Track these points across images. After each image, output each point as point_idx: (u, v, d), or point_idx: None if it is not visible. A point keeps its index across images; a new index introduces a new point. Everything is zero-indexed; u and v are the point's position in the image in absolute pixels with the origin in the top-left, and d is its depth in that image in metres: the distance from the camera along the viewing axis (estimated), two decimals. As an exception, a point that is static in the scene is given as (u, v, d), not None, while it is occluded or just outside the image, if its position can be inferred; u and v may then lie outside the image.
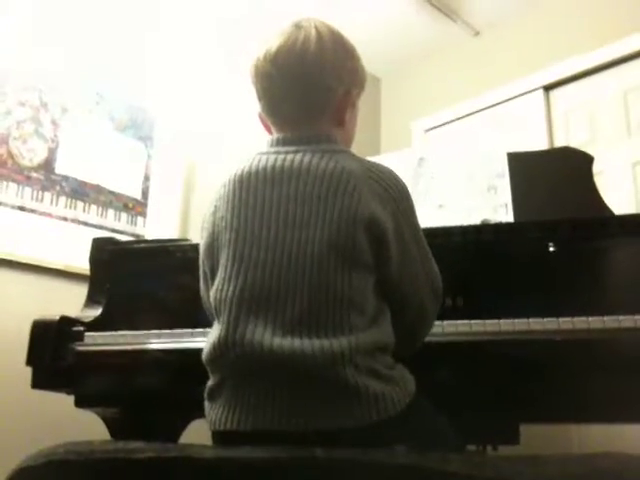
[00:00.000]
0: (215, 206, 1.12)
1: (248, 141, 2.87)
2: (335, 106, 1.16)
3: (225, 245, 1.06)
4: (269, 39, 1.14)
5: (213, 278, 1.09)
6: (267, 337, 0.95)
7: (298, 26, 1.14)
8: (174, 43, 2.97)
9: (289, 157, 1.07)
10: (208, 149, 3.01)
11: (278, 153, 1.09)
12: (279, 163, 1.07)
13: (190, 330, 1.46)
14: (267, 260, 1.01)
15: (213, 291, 1.06)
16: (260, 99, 1.19)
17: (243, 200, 1.07)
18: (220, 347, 1.00)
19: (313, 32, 1.12)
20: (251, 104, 1.23)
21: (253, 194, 1.06)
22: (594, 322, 1.25)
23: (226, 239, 1.06)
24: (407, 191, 1.11)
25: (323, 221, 1.00)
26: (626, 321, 1.24)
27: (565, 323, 1.26)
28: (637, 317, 1.24)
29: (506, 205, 1.67)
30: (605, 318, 1.25)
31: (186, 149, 2.93)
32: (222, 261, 1.06)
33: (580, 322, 1.25)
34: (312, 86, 1.13)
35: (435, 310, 1.16)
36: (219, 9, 3.14)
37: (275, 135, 1.16)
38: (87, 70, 2.62)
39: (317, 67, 1.12)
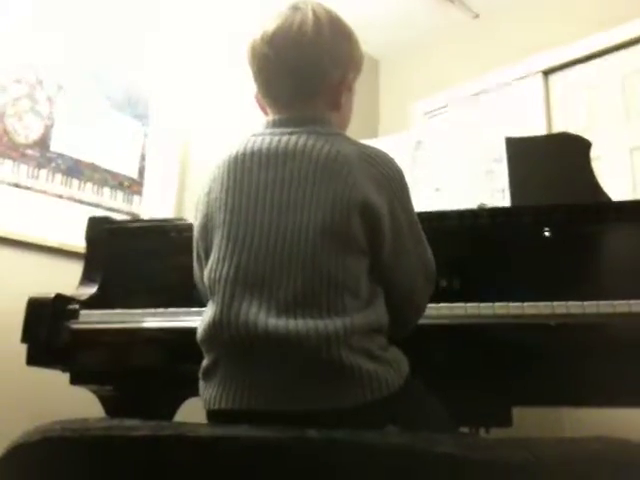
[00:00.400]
0: (209, 187, 1.11)
1: (244, 121, 2.86)
2: (331, 89, 1.15)
3: (219, 226, 1.06)
4: (267, 20, 1.14)
5: (207, 259, 1.08)
6: (262, 317, 0.96)
7: (296, 8, 1.13)
8: (171, 22, 2.94)
9: (284, 139, 1.07)
10: (204, 128, 3.00)
11: (273, 134, 1.09)
12: (274, 145, 1.07)
13: (185, 309, 1.46)
14: (261, 241, 1.01)
15: (207, 271, 1.06)
16: (256, 80, 1.18)
17: (237, 181, 1.07)
18: (215, 327, 1.00)
19: (310, 14, 1.12)
20: (247, 84, 1.22)
21: (248, 176, 1.06)
22: (588, 307, 1.26)
23: (220, 220, 1.06)
24: (402, 175, 1.10)
25: (317, 204, 1.00)
26: (620, 306, 1.25)
27: (559, 307, 1.26)
28: (632, 302, 1.25)
29: (503, 190, 1.67)
30: (599, 303, 1.26)
31: (182, 128, 2.92)
32: (216, 241, 1.06)
33: (574, 307, 1.26)
34: (308, 68, 1.13)
35: (427, 294, 1.17)
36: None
37: (270, 116, 1.16)
38: (83, 48, 2.60)
39: (313, 50, 1.12)
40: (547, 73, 3.19)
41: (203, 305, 1.12)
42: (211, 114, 3.04)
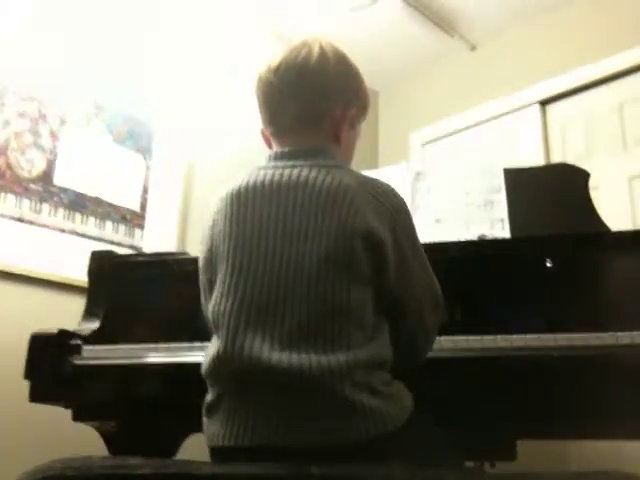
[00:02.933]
0: (213, 220, 1.12)
1: (247, 154, 2.89)
2: (333, 121, 1.17)
3: (223, 259, 1.06)
4: (276, 53, 1.17)
5: (212, 292, 1.09)
6: (265, 351, 0.96)
7: (304, 42, 1.17)
8: (172, 54, 2.98)
9: (286, 172, 1.08)
10: (207, 162, 3.02)
11: (276, 168, 1.10)
12: (277, 178, 1.08)
13: (188, 344, 1.46)
14: (265, 273, 1.01)
15: (211, 305, 1.07)
16: (260, 109, 1.21)
17: (241, 214, 1.07)
18: (219, 360, 1.00)
19: (317, 48, 1.15)
20: (250, 117, 1.24)
21: (251, 208, 1.07)
22: (591, 339, 1.25)
23: (224, 253, 1.06)
24: (405, 205, 1.11)
25: (320, 234, 1.01)
26: (624, 337, 1.25)
27: (562, 339, 1.26)
28: (635, 333, 1.25)
29: (502, 220, 1.67)
30: (602, 334, 1.25)
31: (185, 161, 2.94)
32: (220, 275, 1.06)
33: (577, 338, 1.26)
34: (310, 97, 1.15)
35: (436, 323, 1.16)
36: (217, 20, 3.16)
37: (273, 150, 1.17)
38: (85, 81, 2.63)
39: (317, 79, 1.15)
40: (544, 103, 3.22)
41: (206, 339, 1.12)
42: (213, 147, 3.06)
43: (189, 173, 2.95)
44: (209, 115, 3.08)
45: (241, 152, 2.98)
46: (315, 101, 1.16)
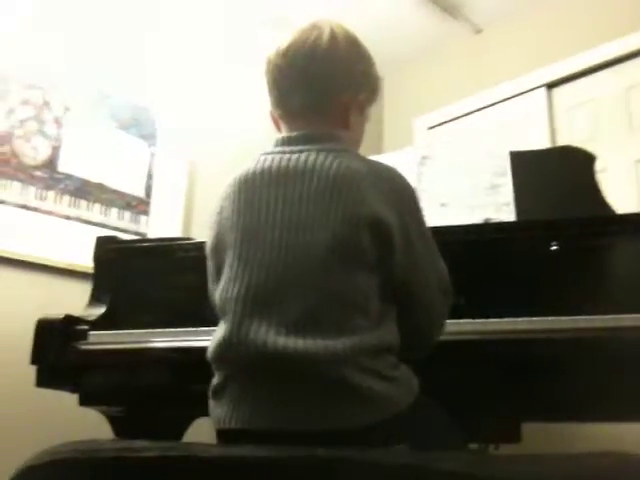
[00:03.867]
0: (221, 206, 1.12)
1: (251, 139, 2.88)
2: (341, 106, 1.16)
3: (230, 245, 1.06)
4: (286, 35, 1.16)
5: (219, 278, 1.09)
6: (271, 337, 0.96)
7: (314, 25, 1.15)
8: (176, 40, 2.97)
9: (294, 157, 1.08)
10: (211, 147, 3.01)
11: (283, 153, 1.10)
12: (284, 163, 1.08)
13: (194, 329, 1.46)
14: (272, 261, 1.01)
15: (219, 291, 1.07)
16: (270, 92, 1.20)
17: (248, 201, 1.07)
18: (225, 345, 1.01)
19: (327, 31, 1.14)
20: (254, 102, 1.24)
21: (258, 195, 1.07)
22: (596, 321, 1.25)
23: (231, 239, 1.07)
24: (412, 190, 1.11)
25: (327, 222, 1.00)
26: (628, 320, 1.25)
27: (567, 322, 1.26)
28: (639, 316, 1.25)
29: (508, 204, 1.67)
30: (607, 317, 1.25)
31: (189, 147, 2.94)
32: (228, 261, 1.06)
33: (582, 321, 1.26)
34: (318, 80, 1.14)
35: (445, 308, 1.16)
36: (221, 7, 3.14)
37: (280, 135, 1.17)
38: (89, 68, 2.62)
39: (326, 64, 1.13)
40: (551, 86, 3.20)
41: (212, 324, 1.12)
42: (218, 133, 3.06)
43: (193, 159, 2.95)
44: (214, 101, 3.08)
45: (246, 138, 2.98)
46: (324, 87, 1.15)
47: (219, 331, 1.04)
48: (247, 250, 1.04)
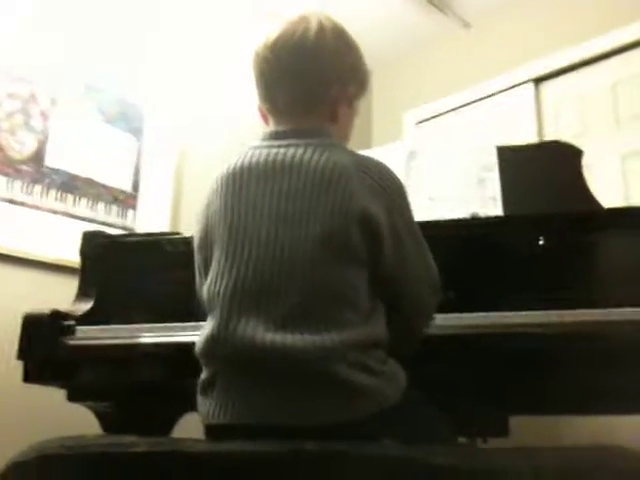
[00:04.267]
0: (209, 200, 1.12)
1: (239, 133, 2.88)
2: (330, 100, 1.15)
3: (218, 240, 1.06)
4: (273, 28, 1.15)
5: (207, 273, 1.09)
6: (259, 332, 0.96)
7: (302, 17, 1.14)
8: (164, 34, 2.95)
9: (282, 151, 1.07)
10: (199, 142, 3.00)
11: (271, 147, 1.09)
12: (271, 157, 1.07)
13: (182, 324, 1.46)
14: (260, 256, 1.01)
15: (206, 285, 1.06)
16: (257, 85, 1.19)
17: (236, 195, 1.07)
18: (213, 341, 1.00)
19: (315, 23, 1.13)
20: (244, 95, 1.23)
21: (246, 189, 1.06)
22: (582, 315, 1.26)
23: (219, 234, 1.06)
24: (401, 185, 1.10)
25: (315, 217, 1.00)
26: (614, 314, 1.25)
27: (553, 316, 1.27)
28: (625, 310, 1.26)
29: (495, 198, 1.67)
30: (594, 311, 1.26)
31: (177, 141, 2.92)
32: (215, 256, 1.06)
33: (568, 315, 1.26)
34: (306, 75, 1.13)
35: (434, 305, 1.16)
36: (209, 3, 3.13)
37: (268, 129, 1.16)
38: (76, 62, 2.60)
39: (313, 56, 1.12)
40: (538, 81, 3.21)
41: (200, 319, 1.12)
42: (206, 127, 3.05)
43: (181, 153, 2.94)
44: (201, 95, 3.06)
45: (234, 133, 2.97)
46: (311, 81, 1.14)
47: (207, 327, 1.04)
48: (235, 245, 1.03)
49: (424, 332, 1.17)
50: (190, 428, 1.31)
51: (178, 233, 1.83)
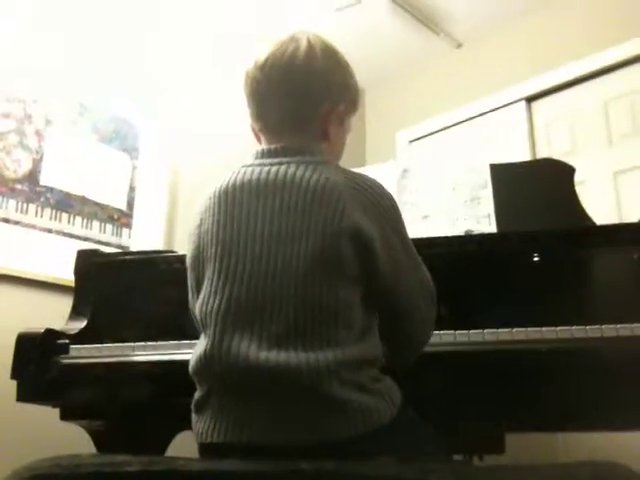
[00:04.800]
0: (201, 219, 1.12)
1: (235, 153, 2.88)
2: (320, 118, 1.16)
3: (211, 258, 1.06)
4: (263, 48, 1.16)
5: (199, 291, 1.08)
6: (253, 350, 0.95)
7: (292, 36, 1.15)
8: (158, 55, 2.97)
9: (273, 169, 1.08)
10: (193, 161, 3.01)
11: (262, 165, 1.10)
12: (263, 175, 1.07)
13: (175, 342, 1.46)
14: (253, 274, 1.01)
15: (199, 304, 1.06)
16: (249, 105, 1.19)
17: (228, 213, 1.07)
18: (206, 360, 1.00)
19: (305, 42, 1.14)
20: (238, 115, 1.24)
21: (238, 207, 1.07)
22: (577, 332, 1.26)
23: (211, 252, 1.06)
24: (393, 201, 1.10)
25: (308, 234, 1.00)
26: (608, 330, 1.26)
27: (548, 333, 1.27)
28: (619, 326, 1.26)
29: (489, 215, 1.68)
30: (588, 327, 1.26)
31: (171, 160, 2.93)
32: (208, 274, 1.06)
33: (563, 332, 1.27)
34: (296, 94, 1.14)
35: (432, 317, 1.16)
36: (204, 20, 3.15)
37: (260, 147, 1.17)
38: (70, 81, 2.62)
39: (303, 75, 1.13)
40: (530, 100, 3.24)
41: (193, 337, 1.12)
42: (200, 146, 3.06)
43: (176, 172, 2.94)
44: (196, 115, 3.07)
45: (227, 152, 2.98)
46: (302, 100, 1.14)
47: (200, 345, 1.04)
48: (227, 263, 1.03)
49: (423, 345, 1.16)
50: (185, 447, 1.30)
51: (172, 251, 1.84)
